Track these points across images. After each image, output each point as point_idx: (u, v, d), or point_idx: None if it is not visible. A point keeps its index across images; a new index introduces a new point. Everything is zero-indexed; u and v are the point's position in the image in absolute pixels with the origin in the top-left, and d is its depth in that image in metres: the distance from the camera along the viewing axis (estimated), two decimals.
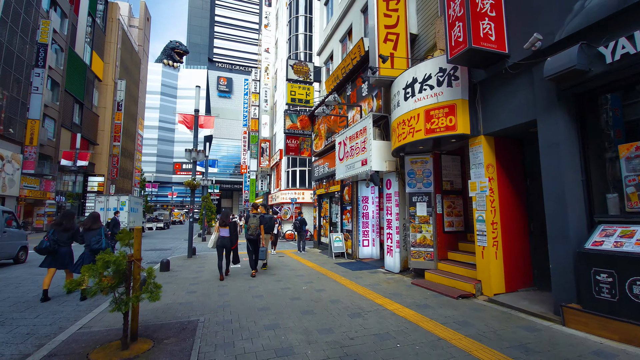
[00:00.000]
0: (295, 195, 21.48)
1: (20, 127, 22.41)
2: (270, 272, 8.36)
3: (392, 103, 7.45)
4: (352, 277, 7.46)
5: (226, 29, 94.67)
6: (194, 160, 11.64)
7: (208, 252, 13.16)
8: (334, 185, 12.23)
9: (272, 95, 29.25)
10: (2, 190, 20.56)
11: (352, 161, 9.12)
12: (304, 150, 14.63)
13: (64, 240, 5.78)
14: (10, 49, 20.47)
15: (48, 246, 5.59)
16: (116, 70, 41.68)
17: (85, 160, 17.98)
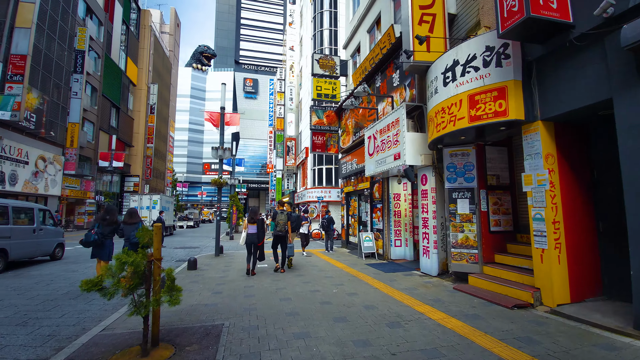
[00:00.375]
0: (322, 194, 21.09)
1: (61, 130, 23.72)
2: (298, 272, 7.99)
3: (428, 91, 6.80)
4: (385, 280, 6.90)
5: (251, 30, 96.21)
6: (221, 158, 11.55)
7: (235, 250, 13.08)
8: (362, 182, 11.68)
9: (297, 93, 29.07)
10: (44, 190, 21.85)
11: (383, 156, 8.55)
12: (331, 147, 14.18)
13: (107, 233, 6.22)
14: (49, 56, 21.66)
15: (96, 239, 5.99)
16: (149, 75, 43.42)
17: (121, 161, 18.64)
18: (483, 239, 6.26)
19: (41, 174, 21.43)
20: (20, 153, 19.35)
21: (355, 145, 12.23)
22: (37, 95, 20.40)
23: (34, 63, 19.93)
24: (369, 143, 9.56)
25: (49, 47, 21.67)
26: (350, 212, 13.35)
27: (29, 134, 20.12)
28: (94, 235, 5.98)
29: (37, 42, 20.05)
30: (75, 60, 25.07)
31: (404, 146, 7.40)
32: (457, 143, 6.59)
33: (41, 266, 8.88)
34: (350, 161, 12.74)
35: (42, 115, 21.19)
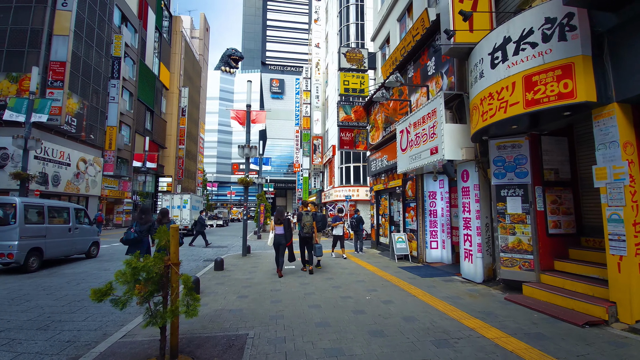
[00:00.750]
0: (350, 192, 20.54)
1: (100, 133, 24.94)
2: (327, 275, 7.54)
3: (471, 76, 6.08)
4: (423, 286, 6.27)
5: (277, 31, 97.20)
6: (247, 157, 11.36)
7: (262, 250, 12.88)
8: (394, 180, 11.01)
9: (323, 90, 28.67)
10: (85, 191, 23.04)
11: (417, 151, 7.88)
12: (359, 144, 13.60)
13: (144, 231, 6.42)
14: (87, 62, 22.78)
15: (135, 237, 6.21)
16: (180, 78, 44.95)
17: (154, 162, 19.23)
18: (540, 242, 5.46)
19: (82, 175, 22.62)
20: (62, 155, 20.50)
21: (386, 141, 11.58)
22: (77, 100, 21.53)
23: (74, 69, 21.03)
24: (401, 138, 8.90)
25: (87, 54, 22.81)
26: (381, 212, 12.71)
27: (70, 137, 21.28)
28: (133, 234, 6.24)
29: (76, 49, 21.13)
30: (112, 66, 26.29)
31: (441, 139, 6.70)
32: (506, 133, 5.82)
33: (76, 264, 9.10)
34: (380, 158, 12.10)
35: (83, 120, 22.35)
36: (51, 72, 18.92)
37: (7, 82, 18.27)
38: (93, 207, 24.32)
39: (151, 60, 35.21)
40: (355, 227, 11.90)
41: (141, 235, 6.25)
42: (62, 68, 19.09)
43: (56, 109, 18.67)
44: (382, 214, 12.60)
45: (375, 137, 12.82)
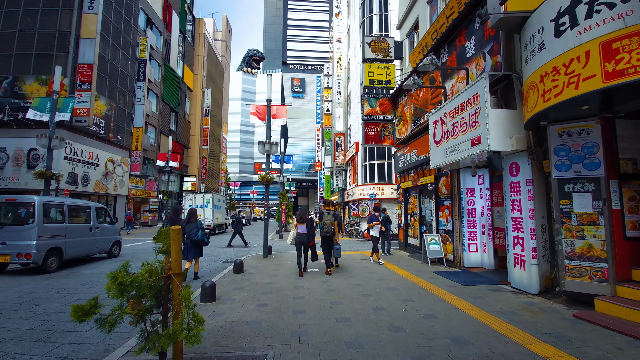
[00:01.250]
0: (374, 191, 19.68)
1: (127, 134, 25.51)
2: (354, 279, 6.85)
3: (526, 51, 5.18)
4: (466, 297, 5.44)
5: (298, 30, 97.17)
6: (268, 153, 10.86)
7: (284, 250, 12.37)
8: (425, 176, 10.13)
9: (345, 86, 27.89)
10: (113, 190, 23.61)
11: (454, 143, 7.01)
12: (385, 139, 12.78)
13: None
14: (114, 65, 23.28)
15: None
16: (203, 80, 45.65)
17: (177, 162, 19.23)
18: (616, 248, 4.50)
19: (110, 175, 23.19)
20: (91, 156, 21.04)
21: (415, 135, 10.70)
22: (105, 102, 22.05)
23: (101, 72, 21.53)
24: (435, 129, 8.04)
25: (114, 57, 23.33)
26: (410, 211, 11.83)
27: (98, 138, 21.83)
28: None
29: (103, 52, 21.61)
30: (137, 68, 26.85)
31: (486, 127, 5.82)
32: (571, 117, 4.88)
33: (96, 264, 8.95)
34: (409, 153, 11.23)
35: (110, 121, 22.90)
36: (79, 75, 19.40)
37: (37, 85, 18.90)
38: (121, 206, 24.93)
39: (175, 62, 35.85)
40: (383, 226, 11.10)
41: None
42: (89, 70, 19.54)
43: (84, 111, 19.14)
44: (411, 213, 11.72)
45: (403, 131, 11.95)
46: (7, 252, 6.93)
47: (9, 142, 17.94)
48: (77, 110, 19.08)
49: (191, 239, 6.62)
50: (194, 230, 6.66)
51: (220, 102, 55.66)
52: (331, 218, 7.57)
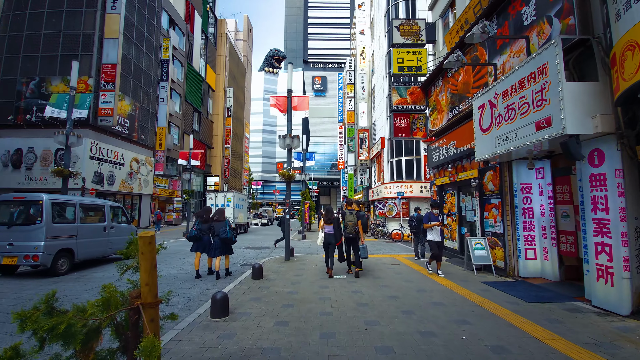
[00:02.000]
0: (402, 189, 18.44)
1: (151, 134, 25.71)
2: (388, 290, 5.86)
3: (615, 5, 3.99)
4: (539, 320, 4.31)
5: (319, 28, 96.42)
6: (289, 148, 10.05)
7: (307, 252, 11.53)
8: (465, 171, 8.92)
9: (368, 80, 26.71)
10: (138, 189, 23.79)
11: (510, 128, 5.84)
12: (417, 131, 11.61)
13: (205, 229, 6.97)
14: (138, 66, 23.42)
15: (196, 234, 6.85)
16: (225, 79, 45.88)
17: (197, 160, 18.93)
18: None
19: (135, 174, 23.38)
20: (116, 156, 21.22)
21: (453, 124, 9.51)
22: (129, 102, 22.21)
23: (125, 72, 21.67)
24: (482, 115, 6.87)
25: (138, 57, 23.49)
26: (446, 210, 10.61)
27: (123, 138, 22.01)
28: (194, 231, 6.88)
29: (127, 52, 21.75)
30: (161, 68, 27.03)
31: (559, 105, 4.65)
32: None
33: (110, 266, 8.49)
34: (445, 145, 10.03)
35: (135, 121, 23.07)
36: (103, 75, 19.55)
37: (62, 86, 19.16)
38: (146, 206, 25.15)
39: (198, 62, 36.07)
40: (416, 228, 9.98)
41: (201, 233, 6.94)
42: (113, 70, 19.64)
43: (108, 110, 19.26)
44: (447, 212, 10.51)
45: (437, 122, 10.75)
46: (14, 254, 6.52)
47: (36, 143, 18.31)
48: (101, 110, 19.25)
49: (220, 237, 6.89)
50: (223, 229, 6.93)
51: (242, 101, 55.93)
52: (354, 218, 7.21)
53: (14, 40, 19.63)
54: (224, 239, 6.88)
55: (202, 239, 7.01)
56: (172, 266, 8.68)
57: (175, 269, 8.22)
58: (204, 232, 6.99)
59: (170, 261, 9.46)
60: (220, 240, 6.89)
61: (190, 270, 8.00)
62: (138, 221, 24.18)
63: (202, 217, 7.07)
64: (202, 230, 6.98)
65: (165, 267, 8.41)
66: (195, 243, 6.99)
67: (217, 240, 6.90)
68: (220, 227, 6.93)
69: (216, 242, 6.93)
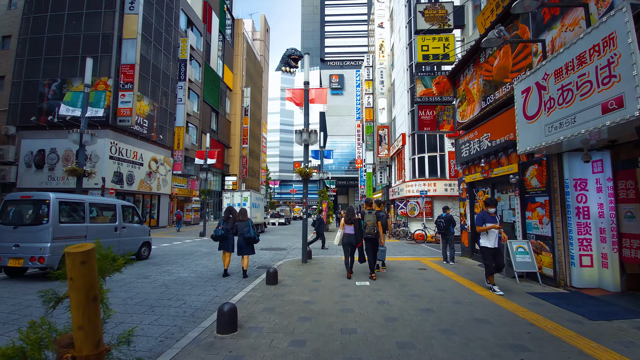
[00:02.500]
0: (425, 187, 17.46)
1: (169, 134, 25.84)
2: (420, 301, 5.11)
3: None
4: (613, 343, 3.47)
5: (335, 26, 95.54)
6: (306, 143, 9.44)
7: (325, 254, 10.89)
8: (502, 166, 8.00)
9: (388, 75, 25.74)
10: (157, 189, 23.93)
11: (565, 113, 4.97)
12: (444, 124, 10.71)
13: (230, 229, 7.07)
14: (156, 66, 23.52)
15: (222, 234, 6.96)
16: (242, 79, 45.98)
17: (214, 158, 18.67)
18: None
19: (154, 174, 23.52)
20: (135, 155, 21.37)
21: (486, 115, 8.59)
22: (147, 102, 22.33)
23: (143, 72, 21.79)
24: (527, 100, 5.99)
25: (156, 57, 23.61)
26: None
27: (142, 138, 22.15)
28: (220, 231, 6.98)
29: (145, 52, 21.86)
30: (179, 69, 27.15)
31: (633, 82, 3.78)
32: None
33: None
34: (477, 138, 9.11)
35: (153, 121, 23.20)
36: (122, 75, 19.66)
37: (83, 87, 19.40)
38: (164, 205, 25.31)
39: (215, 62, 36.18)
40: (445, 229, 9.14)
41: (227, 233, 7.07)
42: (131, 71, 19.72)
43: (127, 110, 19.35)
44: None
45: (466, 113, 9.83)
46: (20, 255, 6.25)
47: (59, 144, 18.61)
48: (120, 110, 19.37)
49: (244, 237, 7.02)
50: (246, 228, 7.06)
51: (259, 101, 56.01)
52: (373, 218, 6.89)
53: (36, 43, 20.07)
54: (247, 238, 7.02)
55: (228, 238, 7.17)
56: (184, 268, 8.26)
57: (186, 272, 7.79)
58: (229, 232, 7.13)
59: (183, 262, 9.07)
60: (244, 240, 7.04)
61: (202, 273, 7.56)
62: (157, 221, 24.36)
63: (227, 217, 7.25)
64: (228, 230, 7.13)
65: (176, 270, 8.00)
66: (222, 242, 7.15)
67: (241, 239, 7.06)
68: (244, 227, 7.07)
69: (240, 241, 7.08)
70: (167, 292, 5.92)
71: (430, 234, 16.53)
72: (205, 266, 8.55)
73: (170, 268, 8.17)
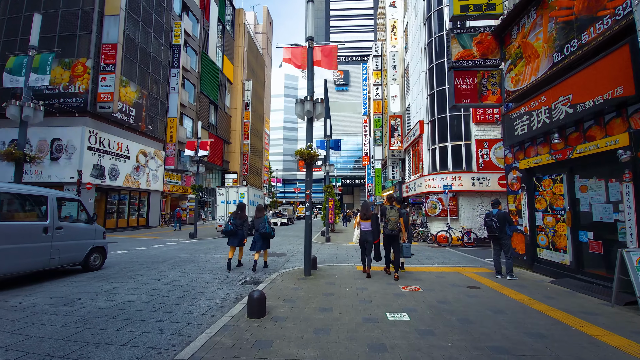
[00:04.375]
0: (449, 181, 15.01)
1: (161, 125, 23.64)
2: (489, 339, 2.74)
3: None
4: None
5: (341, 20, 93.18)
6: (309, 117, 7.08)
7: (335, 262, 8.51)
8: (592, 140, 5.55)
9: (401, 59, 23.29)
10: (146, 185, 21.71)
11: None
12: (488, 94, 8.28)
13: (239, 224, 7.38)
14: (145, 49, 21.31)
15: (232, 229, 7.27)
16: (244, 72, 43.74)
17: (206, 150, 16.38)
18: None
19: (142, 168, 21.32)
20: (120, 147, 19.16)
21: (562, 72, 6.15)
22: (135, 89, 20.15)
23: (130, 56, 19.60)
24: None
25: (146, 41, 21.42)
26: (541, 205, 7.21)
27: (128, 128, 19.95)
28: (230, 226, 7.27)
29: (132, 34, 19.67)
30: (172, 55, 24.96)
31: None
32: None
33: (49, 285, 5.83)
34: (544, 106, 6.65)
35: (142, 110, 21.01)
36: (103, 56, 17.47)
37: (60, 69, 17.27)
38: (155, 203, 23.11)
39: (214, 52, 33.98)
40: (499, 230, 6.70)
41: (237, 228, 7.32)
42: (113, 50, 17.52)
43: (108, 95, 17.15)
44: (543, 208, 7.10)
45: (524, 77, 7.38)
46: None
47: (33, 132, 16.43)
48: (101, 95, 17.17)
49: (260, 232, 7.18)
50: (262, 224, 7.23)
51: (261, 96, 53.79)
52: (396, 214, 6.53)
53: (13, 23, 18.03)
54: (263, 233, 7.19)
55: (237, 234, 7.34)
56: (139, 285, 5.87)
57: (138, 292, 5.41)
58: (238, 227, 7.33)
59: (143, 275, 6.68)
60: (260, 235, 7.21)
61: (158, 295, 5.21)
62: (146, 220, 22.16)
63: (237, 213, 7.47)
64: (237, 225, 7.32)
65: (126, 289, 5.65)
66: (231, 237, 7.36)
67: (257, 234, 7.23)
68: (260, 223, 7.26)
69: (256, 237, 7.24)
70: (72, 338, 3.54)
71: (456, 236, 14.08)
72: (170, 282, 6.21)
73: (120, 285, 5.83)
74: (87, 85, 16.98)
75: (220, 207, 17.21)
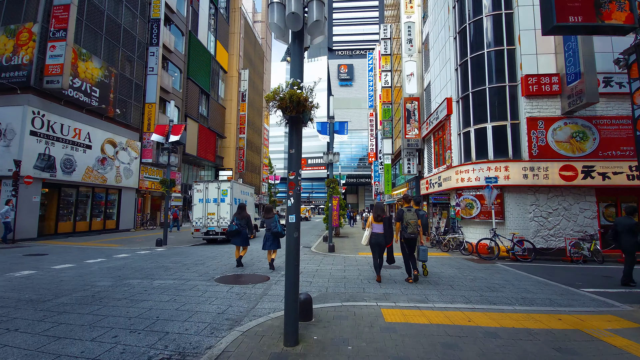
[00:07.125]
0: (491, 172, 11.41)
1: (136, 111, 20.24)
2: None
3: None
4: None
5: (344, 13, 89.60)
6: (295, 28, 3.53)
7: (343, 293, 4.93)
8: None
9: (418, 32, 19.71)
10: (116, 181, 18.28)
11: None
12: (612, 9, 4.76)
13: (243, 225, 7.69)
14: (114, 20, 17.92)
15: (236, 229, 7.55)
16: (240, 60, 40.31)
17: (178, 135, 12.89)
18: None
19: (110, 161, 17.90)
20: (78, 134, 15.75)
21: None
22: (99, 65, 16.78)
23: (93, 25, 16.22)
24: None
25: (115, 10, 18.02)
26: None
27: (91, 112, 16.56)
28: (234, 226, 7.55)
29: None
30: (150, 30, 21.57)
31: None
32: None
33: None
34: None
35: (109, 91, 17.61)
36: (54, 20, 14.09)
37: (4, 38, 13.96)
38: (128, 202, 19.70)
39: (205, 36, 30.56)
40: None
41: (240, 228, 7.61)
42: (65, 13, 14.13)
43: (57, 68, 13.76)
44: None
45: None
46: None
47: None
48: (48, 67, 13.81)
49: (272, 231, 7.36)
50: (273, 224, 7.42)
51: (260, 89, 50.35)
52: (414, 216, 6.42)
53: None
54: (275, 232, 7.34)
55: (241, 234, 7.61)
56: None
57: None
58: (242, 227, 7.60)
59: None
60: (272, 234, 7.36)
61: None
62: (117, 222, 18.74)
63: (240, 214, 7.76)
64: (241, 225, 7.60)
65: None
66: (234, 237, 7.61)
67: (269, 234, 7.38)
68: (272, 222, 7.42)
69: (267, 236, 7.39)
70: None
71: (504, 246, 10.48)
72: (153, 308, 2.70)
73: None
74: (31, 55, 13.61)
75: (197, 206, 13.73)
